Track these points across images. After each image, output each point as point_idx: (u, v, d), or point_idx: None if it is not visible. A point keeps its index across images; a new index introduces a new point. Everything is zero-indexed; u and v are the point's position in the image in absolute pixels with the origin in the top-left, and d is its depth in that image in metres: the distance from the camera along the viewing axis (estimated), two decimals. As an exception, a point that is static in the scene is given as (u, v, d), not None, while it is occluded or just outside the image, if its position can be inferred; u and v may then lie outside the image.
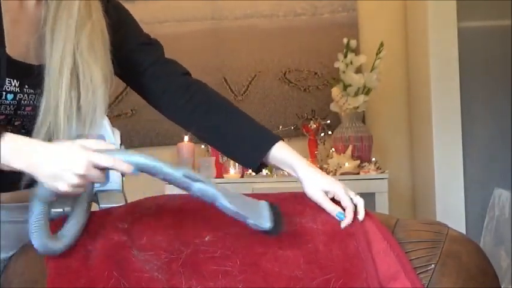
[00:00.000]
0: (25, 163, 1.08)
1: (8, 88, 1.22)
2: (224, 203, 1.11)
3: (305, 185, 1.31)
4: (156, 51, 1.44)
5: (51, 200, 1.11)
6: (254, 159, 1.36)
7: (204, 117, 1.38)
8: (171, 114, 1.42)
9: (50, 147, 1.09)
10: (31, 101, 1.26)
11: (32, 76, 1.23)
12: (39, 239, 1.11)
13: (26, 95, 1.25)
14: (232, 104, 1.43)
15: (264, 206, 1.17)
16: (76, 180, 1.07)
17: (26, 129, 1.27)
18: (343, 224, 1.24)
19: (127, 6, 1.45)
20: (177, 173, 1.09)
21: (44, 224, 1.11)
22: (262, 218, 1.14)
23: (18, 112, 1.25)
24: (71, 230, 1.16)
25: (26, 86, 1.24)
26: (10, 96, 1.23)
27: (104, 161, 1.08)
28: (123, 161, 1.08)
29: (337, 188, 1.29)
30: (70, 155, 1.07)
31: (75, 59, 1.23)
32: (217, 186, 1.12)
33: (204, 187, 1.10)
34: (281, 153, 1.35)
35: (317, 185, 1.30)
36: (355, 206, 1.28)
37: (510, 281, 2.72)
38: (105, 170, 1.09)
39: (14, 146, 1.08)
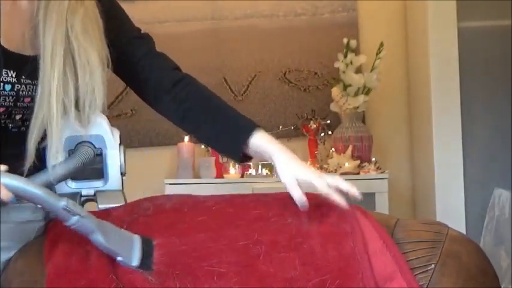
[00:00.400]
0: None
1: (5, 79, 1.23)
2: (98, 238, 1.12)
3: (278, 169, 1.30)
4: (148, 43, 1.46)
5: None
6: (235, 149, 1.36)
7: (191, 110, 1.39)
8: (161, 106, 1.43)
9: None
10: (29, 92, 1.27)
11: (27, 66, 1.25)
12: None
13: (23, 86, 1.26)
14: (219, 97, 1.43)
15: (136, 242, 1.17)
16: None
17: (27, 123, 1.28)
18: (343, 205, 1.23)
19: (127, 6, 1.45)
20: (57, 205, 1.09)
21: None
22: (132, 255, 1.14)
23: (18, 104, 1.27)
24: None
25: (23, 77, 1.26)
26: (8, 87, 1.24)
27: None
28: (4, 185, 1.05)
29: (311, 177, 1.27)
30: None
31: (70, 43, 1.25)
32: (94, 221, 1.13)
33: (82, 221, 1.11)
34: (260, 141, 1.34)
35: (290, 170, 1.28)
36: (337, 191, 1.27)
37: (510, 281, 2.72)
38: None
39: None
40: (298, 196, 1.26)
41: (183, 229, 1.21)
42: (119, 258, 1.14)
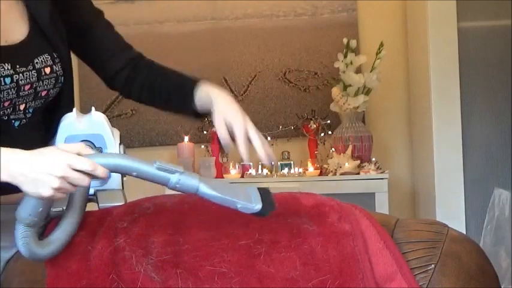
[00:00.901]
0: (6, 173, 1.07)
1: (3, 73, 1.25)
2: (207, 191, 1.07)
3: (213, 108, 1.36)
4: (102, 23, 1.50)
5: (36, 218, 1.10)
6: (186, 107, 1.43)
7: (138, 79, 1.48)
8: (116, 84, 1.50)
9: (29, 152, 1.09)
10: (27, 79, 1.29)
11: (18, 54, 1.29)
12: (25, 246, 1.10)
13: (21, 74, 1.28)
14: (161, 64, 1.51)
15: (252, 190, 1.13)
16: (57, 183, 1.05)
17: (29, 113, 1.33)
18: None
19: (127, 6, 1.45)
20: (151, 168, 1.07)
21: (31, 235, 1.10)
22: (251, 201, 1.09)
23: (20, 93, 1.29)
24: (59, 236, 1.14)
25: (17, 66, 1.28)
26: (8, 80, 1.26)
27: (83, 164, 1.06)
28: (102, 164, 1.07)
29: (235, 121, 1.31)
30: (48, 158, 1.06)
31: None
32: (197, 176, 1.09)
33: (183, 177, 1.08)
34: (204, 89, 1.41)
35: (222, 110, 1.34)
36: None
37: (510, 281, 2.72)
38: (87, 174, 1.07)
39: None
40: (222, 135, 1.31)
41: (185, 228, 1.21)
42: (239, 206, 1.08)
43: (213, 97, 1.37)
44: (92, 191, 1.33)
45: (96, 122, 1.32)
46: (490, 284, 1.24)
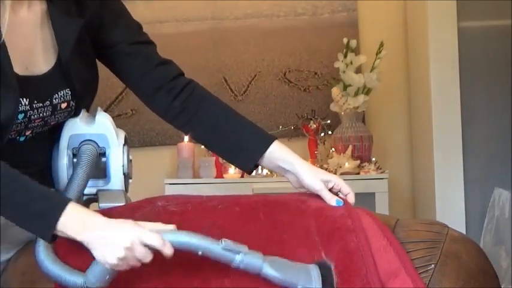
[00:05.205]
0: (80, 234, 1.10)
1: (19, 109, 1.20)
2: (270, 271, 1.11)
3: (304, 176, 1.33)
4: (151, 50, 1.44)
5: (102, 285, 1.11)
6: (250, 160, 1.37)
7: (199, 117, 1.39)
8: (164, 113, 1.44)
9: (105, 218, 1.12)
10: (40, 114, 1.25)
11: (40, 88, 1.24)
12: None
13: (35, 110, 1.24)
14: (226, 104, 1.43)
15: (313, 268, 1.16)
16: (122, 253, 1.07)
17: (35, 136, 1.29)
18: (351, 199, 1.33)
19: (127, 6, 1.45)
20: (217, 248, 1.10)
21: None
22: (311, 281, 1.13)
23: (29, 125, 1.25)
24: None
25: (35, 102, 1.23)
26: (21, 116, 1.22)
27: (153, 240, 1.08)
28: (171, 241, 1.09)
29: (335, 178, 1.34)
30: (121, 228, 1.09)
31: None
32: (260, 255, 1.12)
33: (247, 258, 1.11)
34: (280, 151, 1.36)
35: (316, 175, 1.33)
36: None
37: (510, 281, 2.72)
38: (151, 250, 1.09)
39: (76, 216, 1.11)
40: (330, 197, 1.31)
41: (191, 227, 1.21)
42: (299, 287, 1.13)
43: (296, 164, 1.34)
44: (94, 191, 1.33)
45: (100, 122, 1.32)
46: (490, 284, 1.24)
